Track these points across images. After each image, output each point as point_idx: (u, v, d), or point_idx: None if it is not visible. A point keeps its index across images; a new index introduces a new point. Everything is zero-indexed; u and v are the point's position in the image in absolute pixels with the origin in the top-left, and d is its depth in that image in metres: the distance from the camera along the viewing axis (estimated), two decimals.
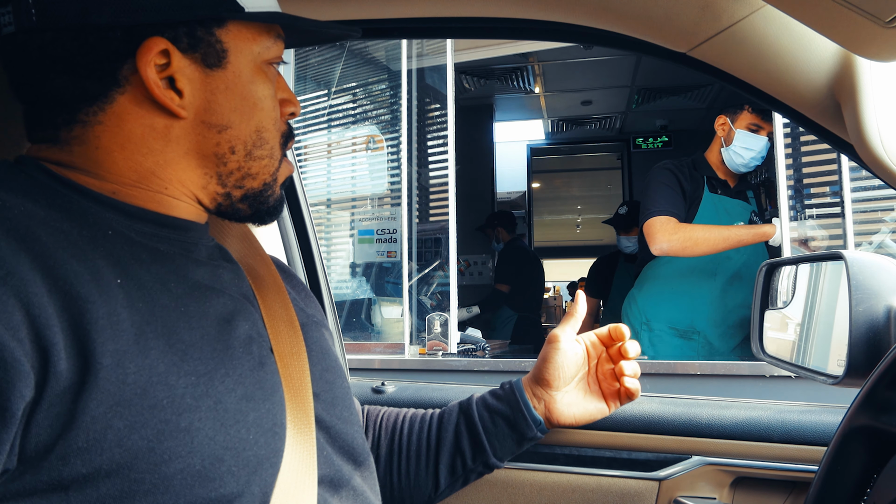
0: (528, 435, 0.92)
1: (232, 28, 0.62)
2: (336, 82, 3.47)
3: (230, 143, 0.63)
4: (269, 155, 0.66)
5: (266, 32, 0.65)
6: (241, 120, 0.63)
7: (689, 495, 1.01)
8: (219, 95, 0.61)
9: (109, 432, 0.49)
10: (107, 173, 0.60)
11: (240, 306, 0.64)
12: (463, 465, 0.92)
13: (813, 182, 2.54)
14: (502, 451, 0.93)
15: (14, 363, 0.45)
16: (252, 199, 0.66)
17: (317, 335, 0.75)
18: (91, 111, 0.59)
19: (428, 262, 3.23)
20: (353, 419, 0.75)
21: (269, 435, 0.59)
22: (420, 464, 0.92)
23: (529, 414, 0.92)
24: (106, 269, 0.53)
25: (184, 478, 0.52)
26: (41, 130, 0.61)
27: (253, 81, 0.64)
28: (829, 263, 0.87)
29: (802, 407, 1.01)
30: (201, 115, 0.61)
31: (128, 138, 0.60)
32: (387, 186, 3.30)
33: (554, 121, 5.77)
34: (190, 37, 0.59)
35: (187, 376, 0.54)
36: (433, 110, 3.42)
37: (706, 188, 2.32)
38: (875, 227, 2.36)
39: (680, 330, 2.28)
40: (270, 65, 0.66)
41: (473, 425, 0.92)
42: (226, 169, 0.64)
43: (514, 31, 1.00)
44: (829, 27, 0.68)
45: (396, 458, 0.93)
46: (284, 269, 0.85)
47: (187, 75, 0.60)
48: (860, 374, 0.68)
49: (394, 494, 0.92)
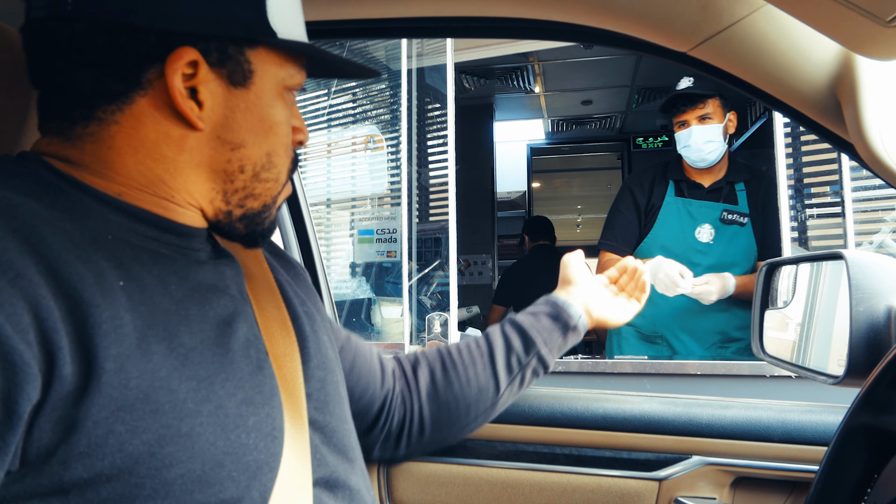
0: (571, 324, 1.01)
1: (262, 51, 0.62)
2: (336, 82, 3.47)
3: (241, 161, 0.63)
4: (275, 179, 0.67)
5: (292, 60, 0.65)
6: (255, 141, 0.63)
7: (689, 495, 1.01)
8: (238, 114, 0.62)
9: (111, 437, 0.49)
10: (115, 174, 0.60)
11: (239, 307, 0.64)
12: (518, 361, 0.98)
13: (813, 182, 2.54)
14: (551, 343, 1.00)
15: (23, 366, 0.45)
16: (250, 219, 0.67)
17: (309, 330, 0.75)
18: (109, 109, 0.58)
19: (428, 262, 3.23)
20: (345, 416, 0.75)
21: (269, 439, 0.59)
22: (477, 368, 0.97)
23: (568, 307, 1.02)
24: (109, 270, 0.53)
25: (184, 483, 0.52)
26: (55, 121, 0.60)
27: (272, 105, 0.64)
28: (830, 263, 0.87)
29: (802, 407, 1.01)
30: (217, 130, 0.62)
31: (142, 142, 0.60)
32: (387, 186, 3.30)
33: (554, 121, 5.77)
34: (220, 52, 0.60)
35: (188, 381, 0.54)
36: (433, 110, 3.42)
37: (671, 192, 2.23)
38: (875, 227, 2.36)
39: (643, 334, 2.23)
40: (290, 91, 0.67)
41: (519, 325, 1.00)
42: (232, 186, 0.64)
43: (514, 31, 1.00)
44: (829, 26, 0.68)
45: (453, 371, 0.97)
46: (277, 252, 0.84)
47: (210, 89, 0.60)
48: (860, 374, 0.68)
49: (459, 407, 0.96)
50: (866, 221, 2.37)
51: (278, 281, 0.76)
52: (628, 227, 2.22)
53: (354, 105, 3.57)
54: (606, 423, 1.04)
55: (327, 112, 3.51)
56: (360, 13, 1.01)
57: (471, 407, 0.96)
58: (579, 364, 1.96)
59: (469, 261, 5.05)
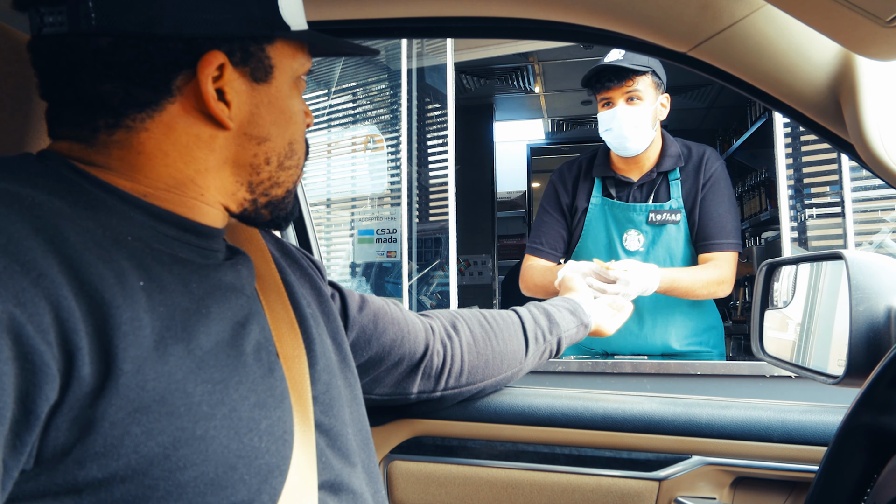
0: (585, 321, 1.17)
1: (278, 45, 0.64)
2: (336, 82, 3.48)
3: (266, 154, 0.65)
4: (297, 165, 0.69)
5: (301, 49, 0.67)
6: (279, 133, 0.65)
7: (689, 495, 1.01)
8: (262, 109, 0.63)
9: (127, 438, 0.49)
10: (143, 177, 0.60)
11: (254, 308, 0.65)
12: (543, 336, 1.10)
13: (813, 182, 2.54)
14: (569, 331, 1.13)
15: (43, 366, 0.45)
16: (274, 206, 0.68)
17: (315, 333, 0.75)
18: (139, 118, 0.58)
19: (428, 262, 3.23)
20: (348, 419, 0.75)
21: (280, 443, 0.59)
22: (510, 330, 1.07)
23: (583, 306, 1.19)
24: (130, 270, 0.53)
25: (197, 485, 0.52)
26: (73, 128, 0.60)
27: (291, 96, 0.66)
28: (829, 263, 0.87)
29: (802, 407, 1.01)
30: (244, 127, 0.63)
31: (173, 146, 0.60)
32: (387, 186, 3.30)
33: (554, 121, 5.77)
34: (244, 52, 0.61)
35: (204, 384, 0.54)
36: (433, 110, 3.42)
37: (597, 191, 1.94)
38: (875, 227, 2.36)
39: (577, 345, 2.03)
40: (301, 79, 0.69)
41: (544, 308, 1.14)
42: (258, 178, 0.65)
43: (514, 31, 1.00)
44: (829, 26, 0.68)
45: (490, 329, 1.06)
46: (286, 250, 0.84)
47: (235, 88, 0.61)
48: (860, 374, 0.68)
49: (495, 358, 1.05)
50: (866, 221, 2.37)
51: (286, 282, 0.77)
52: (555, 229, 1.97)
53: (354, 105, 3.57)
54: (606, 423, 1.04)
55: (327, 112, 3.51)
56: (360, 13, 1.01)
57: (503, 361, 1.06)
58: (579, 364, 1.94)
59: (469, 261, 5.05)
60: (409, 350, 0.95)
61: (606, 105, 1.84)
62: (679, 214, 1.85)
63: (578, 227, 1.95)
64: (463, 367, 1.02)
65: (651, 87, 1.82)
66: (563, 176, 2.00)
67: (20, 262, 0.46)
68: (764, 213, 4.05)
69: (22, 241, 0.47)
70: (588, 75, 1.85)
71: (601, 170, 1.93)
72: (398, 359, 0.94)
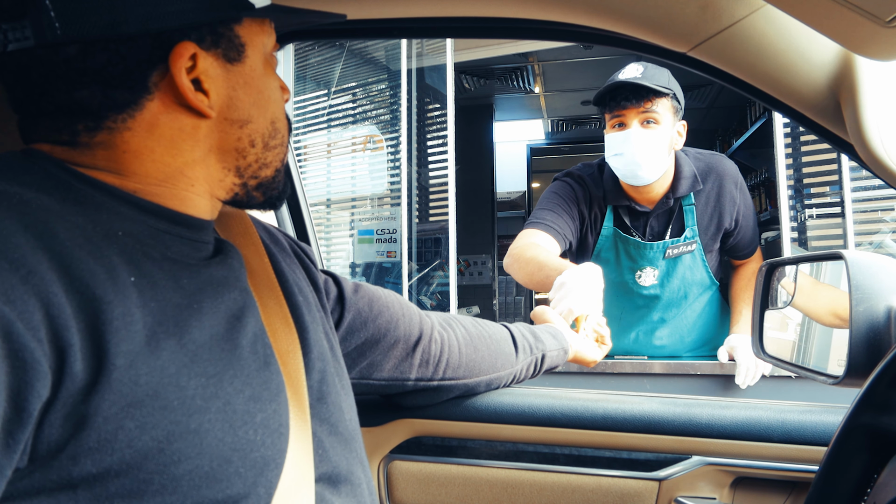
0: (564, 346, 1.15)
1: (246, 24, 0.64)
2: (336, 82, 3.48)
3: (250, 136, 0.65)
4: (281, 143, 0.69)
5: (269, 24, 0.67)
6: (260, 113, 0.65)
7: (689, 495, 1.01)
8: (239, 91, 0.63)
9: (120, 433, 0.49)
10: (132, 174, 0.60)
11: (248, 301, 0.65)
12: (530, 348, 1.10)
13: (813, 182, 2.54)
14: (550, 352, 1.12)
15: (34, 363, 0.45)
16: (266, 187, 0.68)
17: (308, 321, 0.75)
18: (120, 118, 0.58)
19: (428, 262, 3.23)
20: (342, 404, 0.76)
21: (276, 436, 0.60)
22: (501, 335, 1.08)
23: (563, 332, 1.17)
24: (120, 266, 0.53)
25: (192, 479, 0.52)
26: (54, 134, 0.59)
27: (265, 74, 0.66)
28: (829, 263, 0.87)
29: (802, 407, 1.01)
30: (224, 113, 0.63)
31: (158, 141, 0.60)
32: (386, 186, 3.30)
33: (554, 121, 5.77)
34: (213, 34, 0.61)
35: (198, 377, 0.54)
36: (433, 110, 3.42)
37: (609, 219, 1.75)
38: (875, 227, 2.36)
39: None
40: (272, 55, 0.69)
41: (529, 327, 1.14)
42: (245, 162, 0.65)
43: (514, 31, 1.00)
44: (829, 26, 0.68)
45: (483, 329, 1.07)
46: (271, 233, 0.84)
47: (211, 75, 0.61)
48: (860, 374, 0.68)
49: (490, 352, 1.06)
50: (866, 221, 2.37)
51: (278, 271, 0.77)
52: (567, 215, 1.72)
53: (354, 105, 3.57)
54: (606, 423, 1.04)
55: (327, 112, 3.51)
56: (361, 13, 1.01)
57: (497, 359, 1.06)
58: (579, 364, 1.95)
59: (469, 261, 5.05)
60: (404, 332, 0.95)
61: (618, 126, 1.63)
62: (695, 244, 1.71)
63: (585, 251, 1.79)
64: (461, 358, 1.02)
65: (670, 112, 1.63)
66: (574, 188, 1.78)
67: (9, 260, 0.46)
68: (764, 213, 4.05)
69: (10, 239, 0.47)
70: (602, 92, 1.63)
71: (613, 196, 1.72)
72: (394, 340, 0.94)
